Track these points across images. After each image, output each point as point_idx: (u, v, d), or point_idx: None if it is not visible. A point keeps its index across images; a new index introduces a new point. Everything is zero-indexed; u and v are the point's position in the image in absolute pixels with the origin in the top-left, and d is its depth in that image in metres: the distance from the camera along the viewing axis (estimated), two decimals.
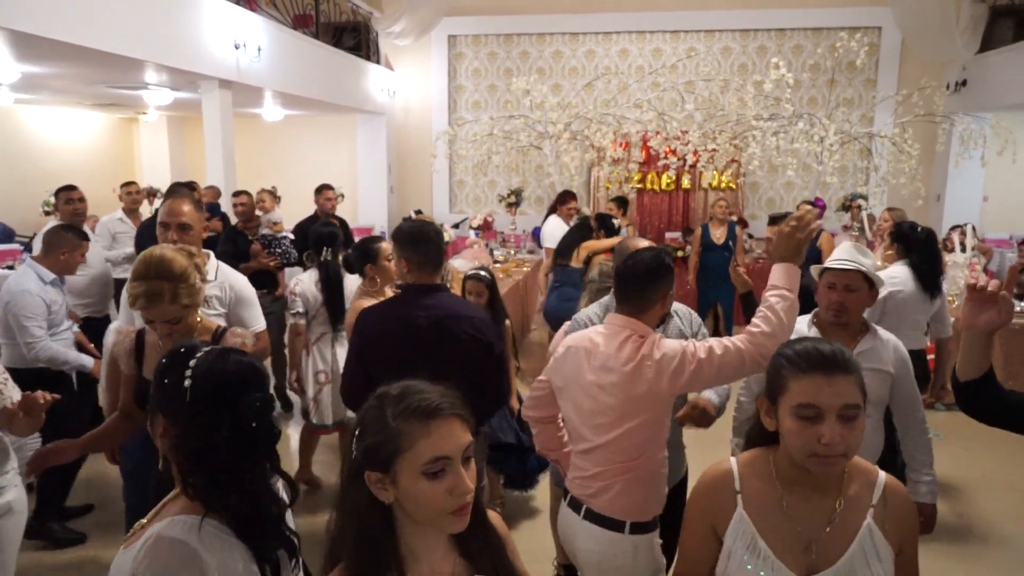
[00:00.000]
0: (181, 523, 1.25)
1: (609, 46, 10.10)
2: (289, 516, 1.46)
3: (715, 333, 6.27)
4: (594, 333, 2.12)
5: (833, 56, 7.80)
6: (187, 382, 1.30)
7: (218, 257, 2.82)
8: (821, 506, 1.40)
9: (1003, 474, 4.51)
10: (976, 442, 4.78)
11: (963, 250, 5.95)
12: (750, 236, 8.42)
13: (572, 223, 6.23)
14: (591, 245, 5.43)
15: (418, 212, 9.94)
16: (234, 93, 6.48)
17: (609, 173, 8.84)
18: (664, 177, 9.33)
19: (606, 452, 2.06)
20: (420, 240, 2.50)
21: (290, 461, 4.76)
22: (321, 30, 8.46)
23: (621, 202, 7.46)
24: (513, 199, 8.65)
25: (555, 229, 6.49)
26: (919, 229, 3.87)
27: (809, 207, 2.09)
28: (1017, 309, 5.82)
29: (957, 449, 4.76)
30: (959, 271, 5.94)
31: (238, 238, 5.10)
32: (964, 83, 8.87)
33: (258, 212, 5.59)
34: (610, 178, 8.97)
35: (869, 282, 2.37)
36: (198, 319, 2.24)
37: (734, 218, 7.44)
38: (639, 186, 9.40)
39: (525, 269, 7.51)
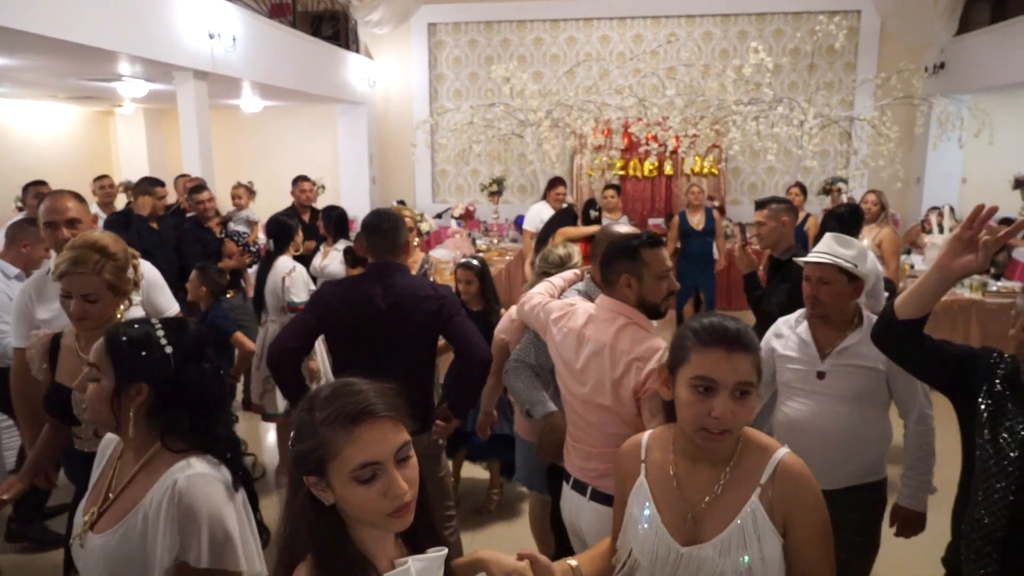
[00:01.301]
0: (190, 464, 1.42)
1: (590, 32, 10.05)
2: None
3: None
4: (586, 317, 2.17)
5: (813, 40, 7.81)
6: (168, 349, 1.47)
7: (187, 257, 2.81)
8: (707, 478, 1.42)
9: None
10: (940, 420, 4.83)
11: (941, 231, 6.00)
12: (731, 221, 8.43)
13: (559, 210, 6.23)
14: (567, 232, 5.42)
15: (400, 202, 9.91)
16: (210, 84, 6.39)
17: (592, 160, 8.83)
18: (646, 164, 9.33)
19: (599, 434, 2.10)
20: (371, 230, 2.65)
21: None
22: (298, 19, 8.36)
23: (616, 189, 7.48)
24: (495, 188, 8.62)
25: (537, 214, 6.45)
26: (843, 208, 3.93)
27: None
28: (993, 288, 5.91)
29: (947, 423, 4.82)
30: (936, 252, 5.99)
31: (204, 235, 4.94)
32: (942, 65, 8.92)
33: (232, 208, 5.49)
34: (592, 165, 8.96)
35: (847, 274, 2.26)
36: (119, 315, 2.17)
37: (715, 203, 7.46)
38: (621, 173, 9.40)
39: (508, 258, 7.50)
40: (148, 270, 2.70)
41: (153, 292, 2.70)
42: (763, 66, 6.95)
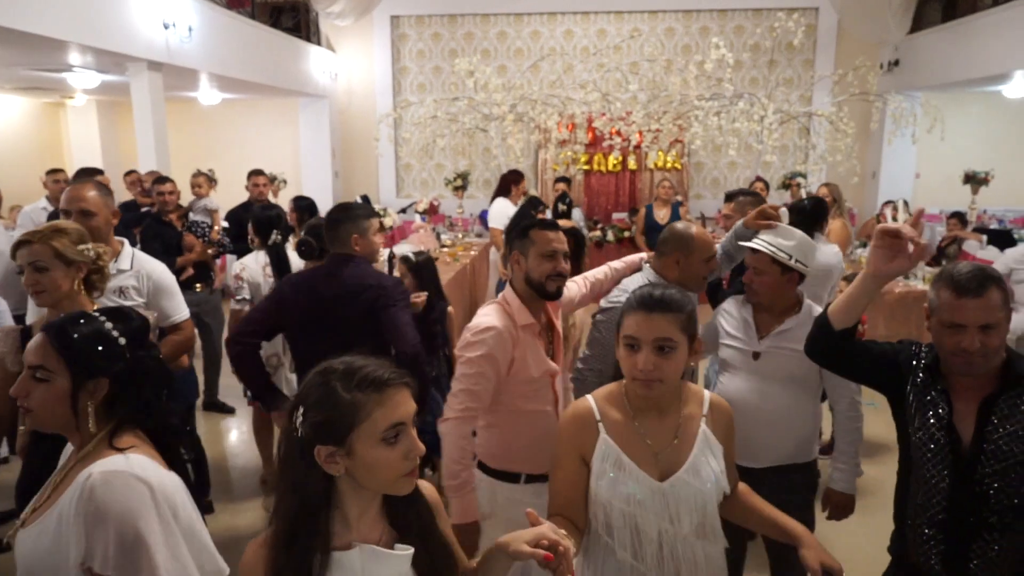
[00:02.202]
0: (120, 460, 1.37)
1: (554, 27, 10.06)
2: None
3: None
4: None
5: (772, 36, 7.93)
6: (122, 340, 1.46)
7: (145, 252, 2.76)
8: (666, 424, 1.69)
9: None
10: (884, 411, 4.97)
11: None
12: (701, 215, 8.55)
13: (520, 203, 6.21)
14: None
15: (363, 197, 9.80)
16: (165, 76, 6.23)
17: (556, 155, 8.84)
18: (611, 158, 9.38)
19: None
20: (325, 224, 2.78)
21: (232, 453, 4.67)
22: (257, 10, 8.20)
23: (566, 182, 7.52)
24: (460, 182, 8.58)
25: (502, 210, 6.44)
26: (805, 202, 4.00)
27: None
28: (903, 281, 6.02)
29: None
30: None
31: (165, 230, 4.81)
32: (896, 63, 9.14)
33: (192, 197, 5.36)
34: (557, 160, 8.97)
35: (780, 266, 2.31)
36: (79, 290, 2.18)
37: (679, 198, 7.54)
38: (586, 167, 9.44)
39: (473, 253, 7.47)
40: (158, 273, 2.68)
41: (159, 296, 2.65)
42: (724, 62, 7.03)
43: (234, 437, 4.89)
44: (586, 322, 3.08)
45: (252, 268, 3.83)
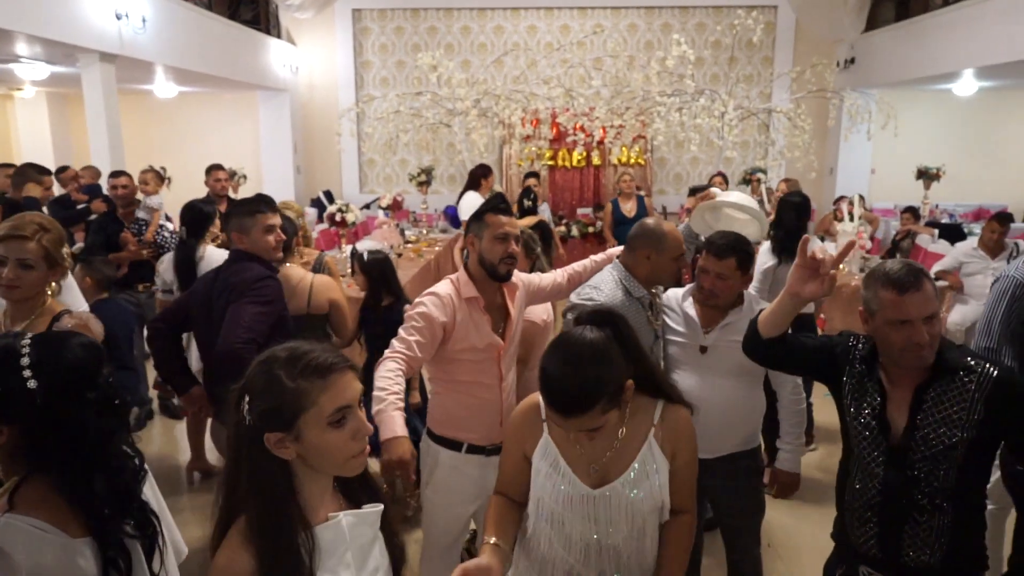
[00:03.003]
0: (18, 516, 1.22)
1: (518, 22, 10.05)
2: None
3: None
4: None
5: (732, 34, 8.04)
6: (31, 383, 1.25)
7: (87, 249, 2.70)
8: (605, 435, 1.62)
9: None
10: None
11: (851, 219, 6.29)
12: (664, 208, 8.64)
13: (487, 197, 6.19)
14: None
15: (326, 193, 9.69)
16: (119, 67, 6.06)
17: (521, 151, 8.83)
18: (575, 154, 9.42)
19: None
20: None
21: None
22: (215, 1, 8.01)
23: (536, 177, 7.53)
24: (424, 178, 8.52)
25: (473, 203, 6.40)
26: (796, 196, 4.08)
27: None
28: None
29: None
30: (847, 239, 6.29)
31: (111, 226, 4.66)
32: (852, 60, 9.35)
33: (140, 195, 5.20)
34: (522, 155, 8.97)
35: (742, 270, 2.38)
36: (50, 296, 2.15)
37: (641, 192, 7.60)
38: (551, 163, 9.46)
39: (437, 248, 7.43)
40: None
41: (65, 292, 2.59)
42: (685, 58, 7.10)
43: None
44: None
45: (166, 263, 3.95)
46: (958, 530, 1.69)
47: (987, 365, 1.70)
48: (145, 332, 3.08)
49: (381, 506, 1.31)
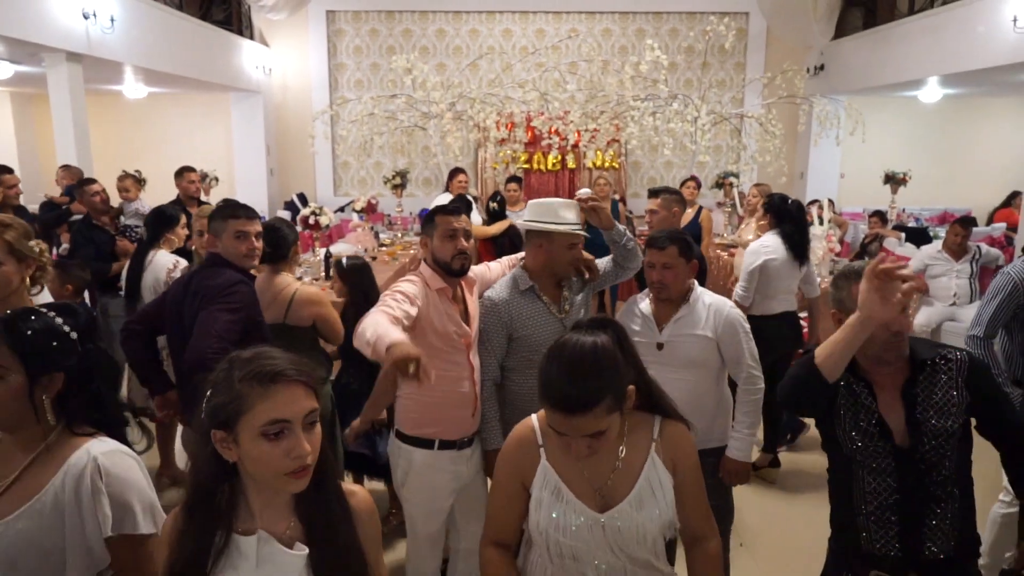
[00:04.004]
0: (102, 442, 1.46)
1: (493, 26, 10.07)
2: None
3: (600, 308, 6.45)
4: None
5: (705, 40, 8.14)
6: (73, 335, 1.47)
7: (78, 258, 2.68)
8: (607, 453, 1.58)
9: None
10: None
11: (820, 223, 6.40)
12: (631, 213, 8.67)
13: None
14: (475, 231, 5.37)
15: (300, 196, 9.60)
16: (86, 67, 5.96)
17: (496, 154, 8.84)
18: (550, 157, 9.46)
19: None
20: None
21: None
22: (186, 1, 7.91)
23: (518, 182, 7.53)
24: (398, 181, 8.49)
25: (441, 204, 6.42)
26: (789, 201, 4.11)
27: None
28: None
29: None
30: (817, 243, 6.39)
31: (97, 235, 4.54)
32: (822, 67, 9.52)
33: (121, 200, 5.11)
34: (497, 159, 8.98)
35: (685, 257, 2.49)
36: (26, 287, 2.22)
37: (616, 196, 7.66)
38: (526, 166, 9.48)
39: (412, 251, 7.41)
40: None
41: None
42: (659, 63, 7.17)
43: (177, 444, 4.71)
44: None
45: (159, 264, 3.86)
46: (965, 514, 1.74)
47: (956, 351, 1.75)
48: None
49: (304, 552, 1.24)
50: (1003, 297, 2.71)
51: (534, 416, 1.67)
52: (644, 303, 2.60)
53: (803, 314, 4.58)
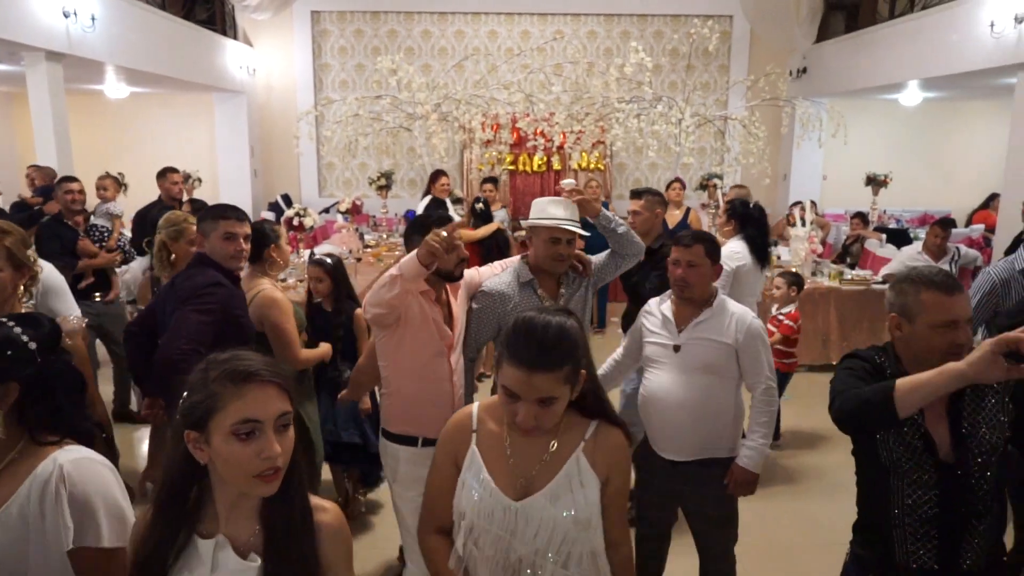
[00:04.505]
0: (69, 450, 1.41)
1: (478, 27, 10.07)
2: None
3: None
4: None
5: (689, 42, 8.18)
6: (32, 345, 1.42)
7: (43, 256, 2.66)
8: (537, 446, 1.62)
9: (824, 424, 4.98)
10: (813, 399, 5.28)
11: (803, 224, 6.47)
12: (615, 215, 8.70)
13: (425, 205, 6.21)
14: (462, 235, 5.37)
15: (284, 197, 9.55)
16: (66, 67, 5.89)
17: (481, 155, 8.85)
18: (535, 159, 9.47)
19: None
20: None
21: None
22: (169, 1, 7.84)
23: (493, 182, 7.54)
24: (383, 182, 8.46)
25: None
26: (752, 206, 4.15)
27: None
28: (848, 277, 6.41)
29: (798, 408, 5.22)
30: (800, 244, 6.46)
31: (65, 232, 4.51)
32: (804, 70, 9.61)
33: (97, 200, 5.05)
34: (482, 160, 8.98)
35: (711, 258, 2.51)
36: (20, 294, 2.22)
37: (604, 198, 7.69)
38: (511, 168, 9.49)
39: (397, 253, 7.40)
40: (46, 273, 2.64)
41: (49, 297, 2.64)
42: (643, 65, 7.20)
43: (147, 447, 4.67)
44: None
45: (134, 270, 3.83)
46: (999, 527, 1.72)
47: None
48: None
49: (256, 563, 1.23)
50: (982, 296, 2.77)
51: (476, 403, 1.74)
52: (665, 304, 2.60)
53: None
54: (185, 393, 1.24)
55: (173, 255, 3.18)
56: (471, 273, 2.68)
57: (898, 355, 1.78)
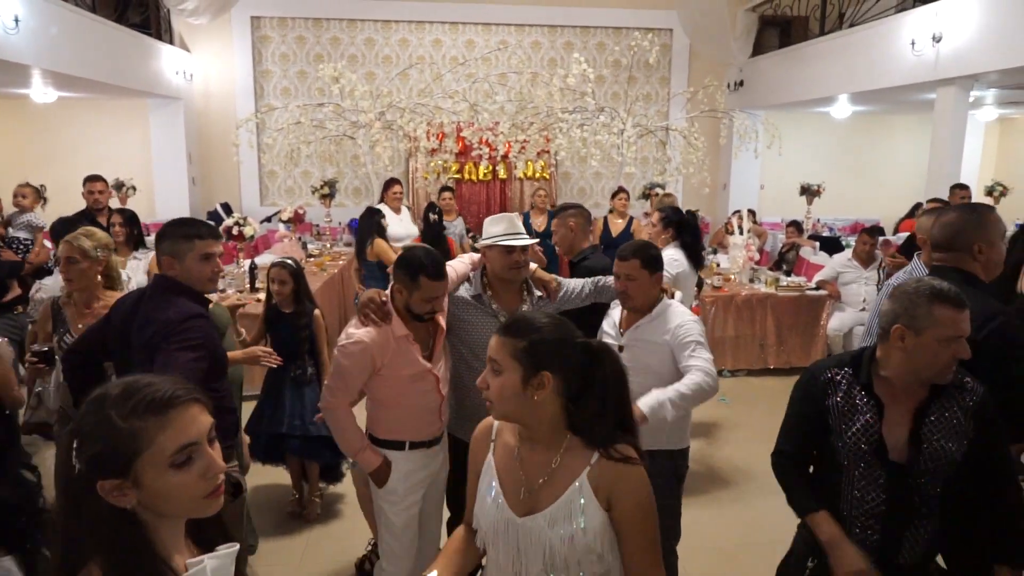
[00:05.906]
0: None
1: (423, 35, 10.05)
2: None
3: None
4: None
5: (631, 54, 8.35)
6: None
7: None
8: (542, 459, 1.59)
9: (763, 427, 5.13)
10: (750, 403, 5.43)
11: (741, 232, 6.65)
12: None
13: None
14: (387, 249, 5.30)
15: (224, 205, 9.30)
16: None
17: (427, 164, 8.81)
18: (480, 168, 9.50)
19: None
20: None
21: None
22: (99, 3, 7.57)
23: (451, 191, 7.53)
24: (327, 190, 8.34)
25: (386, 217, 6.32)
26: (685, 212, 4.25)
27: None
28: (784, 283, 6.60)
29: (736, 411, 5.35)
30: (738, 251, 6.64)
31: None
32: (741, 83, 9.91)
33: (14, 210, 4.82)
34: (428, 169, 8.95)
35: (648, 269, 2.61)
36: None
37: (549, 207, 7.74)
38: (457, 176, 9.49)
39: (341, 262, 7.29)
40: None
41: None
42: (586, 76, 7.31)
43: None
44: None
45: (50, 287, 3.70)
46: (941, 529, 1.82)
47: (975, 382, 1.79)
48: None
49: (236, 545, 1.19)
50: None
51: None
52: (616, 309, 2.80)
53: None
54: (76, 444, 1.07)
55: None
56: (450, 274, 2.67)
57: (879, 364, 1.82)
